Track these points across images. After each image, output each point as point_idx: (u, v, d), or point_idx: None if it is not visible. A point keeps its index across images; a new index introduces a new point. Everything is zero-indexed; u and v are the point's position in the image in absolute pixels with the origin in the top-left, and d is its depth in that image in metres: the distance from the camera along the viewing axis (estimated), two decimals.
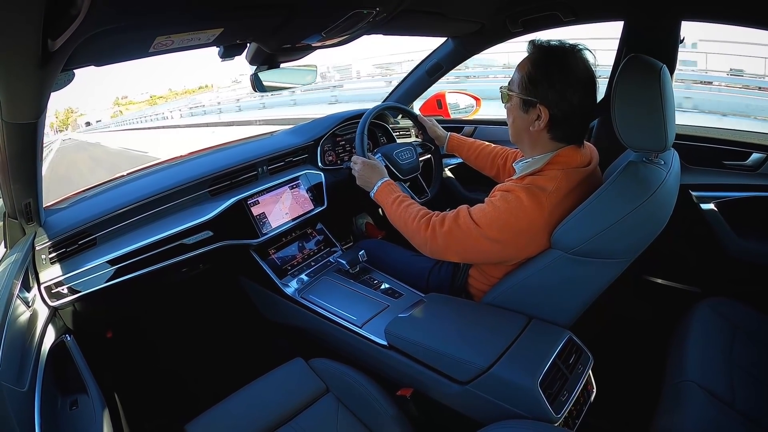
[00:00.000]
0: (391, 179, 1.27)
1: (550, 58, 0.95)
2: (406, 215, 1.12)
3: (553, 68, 0.94)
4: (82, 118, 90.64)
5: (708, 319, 1.11)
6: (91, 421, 0.92)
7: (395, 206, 1.16)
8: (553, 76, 0.93)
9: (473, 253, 1.03)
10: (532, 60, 0.97)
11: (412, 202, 1.16)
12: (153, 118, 29.71)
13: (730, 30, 1.49)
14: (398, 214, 1.15)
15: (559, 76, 0.93)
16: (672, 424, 0.87)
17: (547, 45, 0.96)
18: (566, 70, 0.93)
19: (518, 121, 1.03)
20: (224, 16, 0.83)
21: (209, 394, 1.12)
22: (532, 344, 0.94)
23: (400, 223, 1.14)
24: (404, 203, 1.16)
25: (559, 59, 0.94)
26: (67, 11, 0.56)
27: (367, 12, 0.99)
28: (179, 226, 1.31)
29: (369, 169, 1.28)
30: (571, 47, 0.95)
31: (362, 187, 1.30)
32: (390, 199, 1.19)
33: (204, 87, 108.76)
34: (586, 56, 0.95)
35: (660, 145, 0.88)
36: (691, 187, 1.36)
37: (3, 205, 1.13)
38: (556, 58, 0.94)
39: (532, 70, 0.96)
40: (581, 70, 0.94)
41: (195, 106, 25.01)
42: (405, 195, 1.20)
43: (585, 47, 0.96)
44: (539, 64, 0.96)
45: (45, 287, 1.13)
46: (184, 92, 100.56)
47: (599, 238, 0.89)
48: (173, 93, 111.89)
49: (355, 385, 1.04)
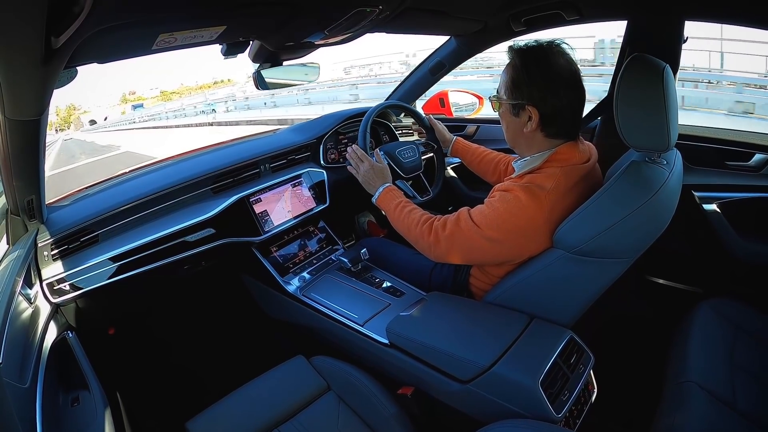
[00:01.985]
0: (393, 184, 1.26)
1: (528, 59, 0.97)
2: (409, 221, 1.12)
3: (533, 68, 0.96)
4: (86, 116, 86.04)
5: (709, 320, 1.11)
6: (93, 418, 0.93)
7: (398, 212, 1.17)
8: (534, 75, 0.95)
9: (475, 254, 1.03)
10: (513, 64, 0.99)
11: (414, 207, 1.16)
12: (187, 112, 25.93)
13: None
14: (401, 219, 1.15)
15: (540, 74, 0.95)
16: (673, 424, 0.87)
17: (525, 47, 0.98)
18: (546, 67, 0.95)
19: (511, 126, 1.04)
20: (227, 14, 0.83)
21: (210, 391, 1.12)
22: (533, 343, 0.94)
23: (403, 228, 1.15)
24: (406, 209, 1.16)
25: (537, 58, 0.96)
26: (71, 8, 0.56)
27: (370, 10, 0.99)
28: (181, 223, 1.31)
29: (374, 173, 1.28)
30: (548, 44, 0.97)
31: (364, 187, 1.30)
32: (392, 205, 1.19)
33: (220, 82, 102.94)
34: (564, 50, 0.97)
35: (662, 144, 0.88)
36: (694, 188, 1.35)
37: (5, 202, 1.13)
38: (534, 57, 0.96)
39: (514, 73, 0.99)
40: (561, 65, 0.95)
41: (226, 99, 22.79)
42: (407, 200, 1.20)
43: (562, 42, 0.98)
44: (519, 67, 0.98)
45: (47, 284, 1.14)
46: (198, 87, 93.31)
47: (601, 238, 0.89)
48: (186, 88, 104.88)
49: (357, 384, 1.04)
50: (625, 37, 1.33)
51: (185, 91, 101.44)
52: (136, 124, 31.20)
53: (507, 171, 1.40)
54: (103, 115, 75.24)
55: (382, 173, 1.29)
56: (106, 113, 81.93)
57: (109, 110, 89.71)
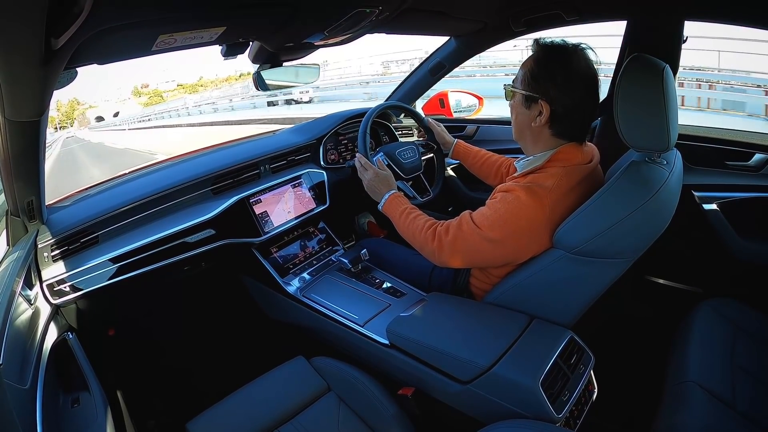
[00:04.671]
0: (398, 192, 1.27)
1: (552, 56, 0.97)
2: (414, 227, 1.13)
3: (555, 65, 0.96)
4: (92, 111, 76.87)
5: (710, 320, 1.11)
6: (93, 419, 0.93)
7: (403, 218, 1.17)
8: (554, 72, 0.96)
9: (477, 257, 1.04)
10: (535, 58, 1.00)
11: (420, 214, 1.16)
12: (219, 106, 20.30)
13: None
14: (406, 225, 1.15)
15: (560, 73, 0.95)
16: (673, 424, 0.87)
17: (551, 43, 0.99)
18: (568, 67, 0.95)
19: (521, 117, 1.04)
20: (227, 14, 0.83)
21: (211, 392, 1.12)
22: (533, 344, 0.94)
23: (408, 234, 1.15)
24: (411, 215, 1.16)
25: (561, 56, 0.96)
26: (70, 10, 0.56)
27: (370, 11, 1.00)
28: (181, 224, 1.31)
29: (378, 181, 1.28)
30: (574, 46, 0.97)
31: (369, 194, 1.31)
32: (398, 212, 1.19)
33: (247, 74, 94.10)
34: (588, 55, 0.98)
35: (662, 144, 0.88)
36: (694, 188, 1.35)
37: (5, 203, 1.13)
38: (558, 55, 0.97)
39: (535, 67, 0.99)
40: (582, 68, 0.96)
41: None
42: (412, 207, 1.20)
43: (588, 46, 0.98)
44: (542, 61, 0.98)
45: (47, 285, 1.14)
46: (224, 80, 78.73)
47: (601, 238, 0.89)
48: (212, 81, 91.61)
49: (357, 384, 1.04)
50: (625, 37, 1.33)
51: (209, 84, 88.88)
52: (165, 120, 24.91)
53: (508, 173, 1.40)
54: (113, 110, 67.60)
55: (387, 180, 1.29)
56: (115, 108, 71.56)
57: (119, 105, 76.88)
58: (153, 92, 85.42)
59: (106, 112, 69.96)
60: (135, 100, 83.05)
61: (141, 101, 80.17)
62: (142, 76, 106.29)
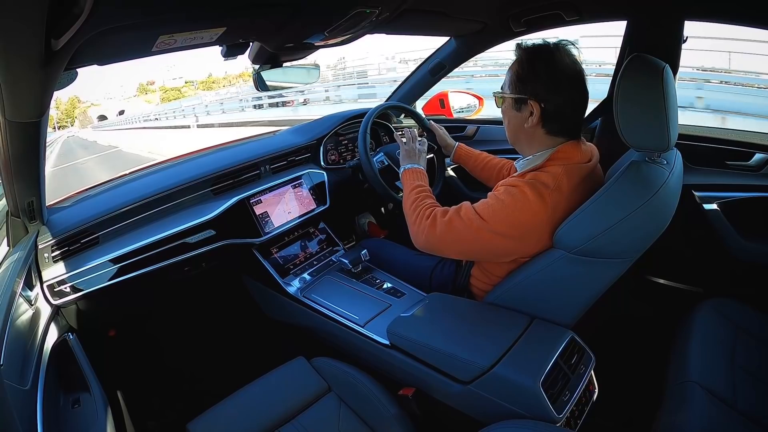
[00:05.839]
0: (422, 169, 1.28)
1: (535, 56, 0.99)
2: (416, 202, 1.14)
3: (540, 64, 0.98)
4: (94, 110, 73.72)
5: (710, 320, 1.11)
6: (93, 420, 0.93)
7: (411, 192, 1.18)
8: (539, 71, 0.97)
9: (475, 246, 1.02)
10: (519, 60, 1.01)
11: (429, 195, 1.17)
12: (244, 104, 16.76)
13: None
14: (411, 199, 1.16)
15: (545, 71, 0.97)
16: (674, 424, 0.87)
17: (532, 45, 1.01)
18: (552, 65, 0.97)
19: (513, 121, 1.05)
20: (227, 15, 0.83)
21: (211, 392, 1.12)
22: (534, 344, 0.94)
23: (407, 206, 1.16)
24: (422, 193, 1.17)
25: (544, 55, 0.98)
26: (70, 11, 0.56)
27: (370, 11, 1.00)
28: (182, 225, 1.31)
29: (409, 152, 1.32)
30: (555, 44, 0.99)
31: (400, 160, 1.33)
32: (411, 185, 1.21)
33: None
34: (570, 51, 0.99)
35: (662, 144, 0.88)
36: (694, 187, 1.35)
37: (6, 204, 1.13)
38: (541, 54, 0.98)
39: (520, 69, 1.01)
40: (566, 64, 0.97)
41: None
42: (426, 187, 1.21)
43: (569, 42, 1.00)
44: (526, 63, 1.00)
45: (48, 286, 1.14)
46: (238, 76, 70.68)
47: (601, 238, 0.89)
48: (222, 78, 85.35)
49: (357, 385, 1.04)
50: (624, 37, 1.33)
51: (221, 80, 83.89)
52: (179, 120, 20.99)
53: (509, 175, 1.40)
54: (117, 109, 64.70)
55: (417, 154, 1.32)
56: (120, 106, 67.92)
57: (124, 103, 72.28)
58: (163, 89, 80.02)
59: (109, 110, 67.65)
60: (141, 98, 79.24)
61: (147, 98, 76.04)
62: (146, 72, 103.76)
